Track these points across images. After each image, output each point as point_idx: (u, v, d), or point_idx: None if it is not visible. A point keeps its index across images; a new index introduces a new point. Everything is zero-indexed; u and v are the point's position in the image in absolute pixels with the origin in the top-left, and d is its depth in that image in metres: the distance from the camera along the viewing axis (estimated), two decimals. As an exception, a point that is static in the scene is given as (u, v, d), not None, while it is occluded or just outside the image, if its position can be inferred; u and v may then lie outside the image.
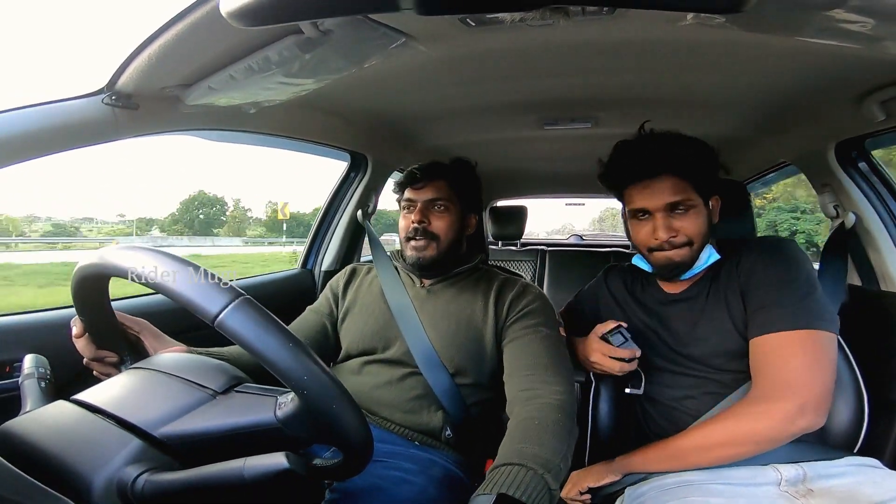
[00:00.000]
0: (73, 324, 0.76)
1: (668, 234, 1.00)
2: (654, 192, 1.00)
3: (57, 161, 0.93)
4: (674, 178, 0.99)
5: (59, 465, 0.51)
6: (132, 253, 0.55)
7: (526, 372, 0.97)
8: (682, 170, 0.99)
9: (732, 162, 1.99)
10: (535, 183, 2.90)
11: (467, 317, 1.12)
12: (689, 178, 0.99)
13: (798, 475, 0.89)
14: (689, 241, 1.00)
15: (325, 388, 0.51)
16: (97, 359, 0.77)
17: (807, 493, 0.86)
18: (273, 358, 0.49)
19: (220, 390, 0.60)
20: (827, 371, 0.87)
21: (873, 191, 1.29)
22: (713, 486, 0.89)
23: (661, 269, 1.06)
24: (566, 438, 0.82)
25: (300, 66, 0.86)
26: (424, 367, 1.08)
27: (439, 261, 1.16)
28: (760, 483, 0.89)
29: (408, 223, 1.17)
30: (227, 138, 1.38)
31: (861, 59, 0.93)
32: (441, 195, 1.17)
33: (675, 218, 1.00)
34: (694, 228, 1.00)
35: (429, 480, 0.96)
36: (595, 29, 0.88)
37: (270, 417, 0.54)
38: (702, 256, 1.02)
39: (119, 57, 0.84)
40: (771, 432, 0.85)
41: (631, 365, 1.04)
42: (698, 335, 1.03)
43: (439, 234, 1.16)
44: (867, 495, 0.81)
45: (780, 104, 1.27)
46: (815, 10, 0.58)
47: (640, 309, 1.14)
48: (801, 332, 0.89)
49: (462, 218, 1.21)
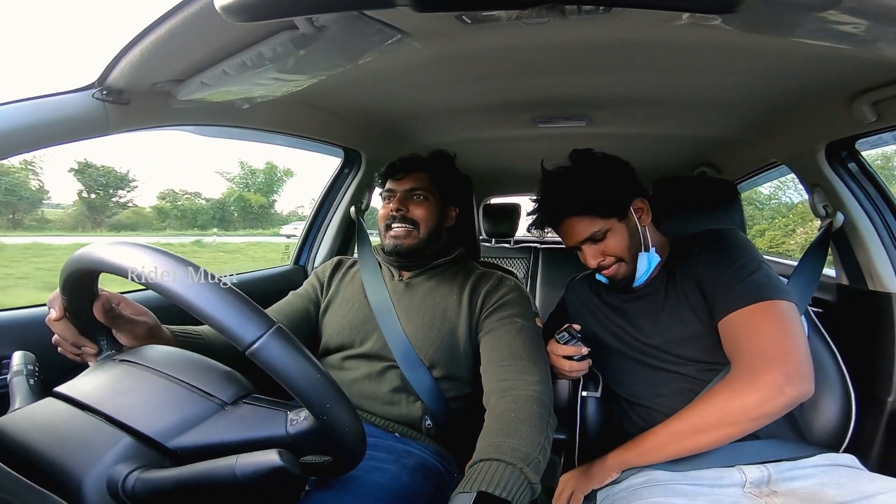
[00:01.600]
0: (50, 304, 0.72)
1: (596, 260, 1.07)
2: (569, 232, 1.08)
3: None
4: (578, 218, 1.06)
5: (49, 463, 0.50)
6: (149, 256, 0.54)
7: (502, 363, 0.97)
8: (581, 210, 1.05)
9: (724, 161, 2.01)
10: (528, 181, 2.90)
11: (442, 310, 1.12)
12: (592, 213, 1.04)
13: (763, 476, 0.89)
14: (619, 258, 1.06)
15: (342, 414, 0.54)
16: (76, 345, 0.74)
17: (770, 493, 0.87)
18: (302, 387, 0.51)
19: (229, 401, 0.60)
20: (798, 336, 0.89)
21: (863, 191, 1.30)
22: (678, 486, 0.90)
23: (611, 284, 1.13)
24: (544, 430, 0.83)
25: (294, 61, 0.85)
26: (402, 361, 1.09)
27: (418, 249, 1.17)
28: (725, 484, 0.90)
29: (387, 211, 1.18)
30: (220, 134, 1.37)
31: (853, 59, 0.94)
32: (420, 185, 1.19)
33: (599, 244, 1.06)
34: (617, 247, 1.06)
35: (402, 468, 0.96)
36: (590, 28, 0.88)
37: (281, 432, 0.56)
38: (640, 266, 1.07)
39: (111, 51, 0.84)
40: (763, 406, 0.85)
41: (581, 365, 1.06)
42: (661, 325, 1.05)
43: (419, 220, 1.17)
44: (830, 496, 0.82)
45: (772, 104, 1.29)
46: (809, 11, 0.59)
47: (607, 308, 1.17)
48: (762, 304, 0.91)
49: (442, 209, 1.22)
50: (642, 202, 1.09)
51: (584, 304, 1.22)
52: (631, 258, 1.06)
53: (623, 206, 1.06)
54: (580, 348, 1.04)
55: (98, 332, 0.74)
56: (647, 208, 1.10)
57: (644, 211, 1.09)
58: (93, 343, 0.74)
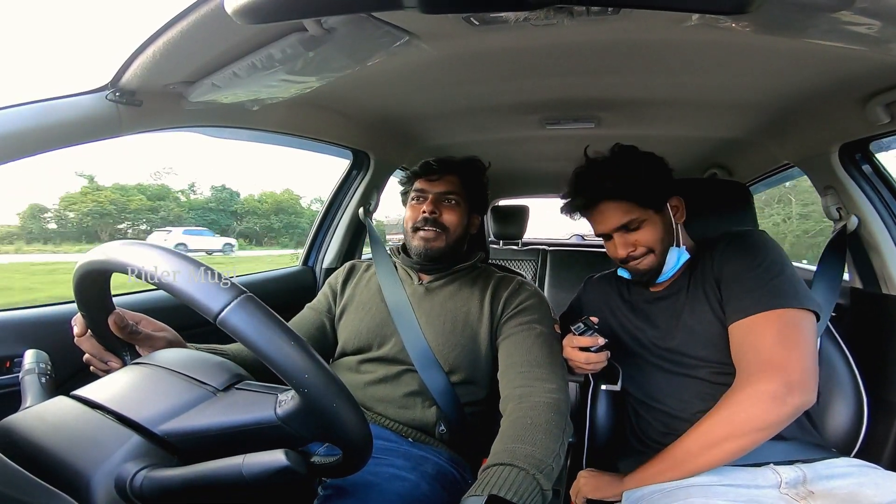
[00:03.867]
0: (74, 323, 0.75)
1: (627, 249, 1.06)
2: (603, 218, 1.06)
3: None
4: (616, 203, 1.04)
5: (58, 462, 0.51)
6: (134, 249, 0.55)
7: (520, 369, 0.97)
8: (621, 195, 1.03)
9: (735, 163, 1.99)
10: (536, 183, 2.90)
11: (464, 315, 1.12)
12: (631, 199, 1.03)
13: (798, 477, 0.89)
14: (650, 250, 1.05)
15: (325, 386, 0.51)
16: (101, 359, 0.77)
17: (808, 494, 0.86)
18: (274, 355, 0.49)
19: (220, 387, 0.60)
20: (802, 346, 0.88)
21: (877, 194, 1.28)
22: (716, 489, 0.89)
23: (635, 277, 1.11)
24: (559, 437, 0.82)
25: (303, 63, 0.86)
26: (420, 365, 1.08)
27: (446, 253, 1.16)
28: (761, 485, 0.89)
29: (416, 213, 1.16)
30: (230, 135, 1.38)
31: (866, 60, 0.93)
32: (453, 189, 1.17)
33: (631, 234, 1.05)
34: (651, 238, 1.05)
35: (421, 477, 0.96)
36: (599, 29, 0.88)
37: (271, 415, 0.54)
38: (670, 260, 1.06)
39: (123, 53, 0.85)
40: (767, 416, 0.85)
41: (598, 357, 1.00)
42: (680, 326, 1.04)
43: (449, 226, 1.16)
44: (868, 496, 0.81)
45: (784, 106, 1.27)
46: (822, 12, 0.58)
47: (628, 308, 1.16)
48: (771, 313, 0.91)
49: (468, 216, 1.21)
50: (679, 200, 1.09)
51: (605, 303, 1.20)
52: (661, 251, 1.05)
53: (661, 200, 1.06)
54: (596, 339, 1.00)
55: (121, 347, 0.77)
56: (682, 207, 1.10)
57: (679, 210, 1.09)
58: (117, 358, 0.77)
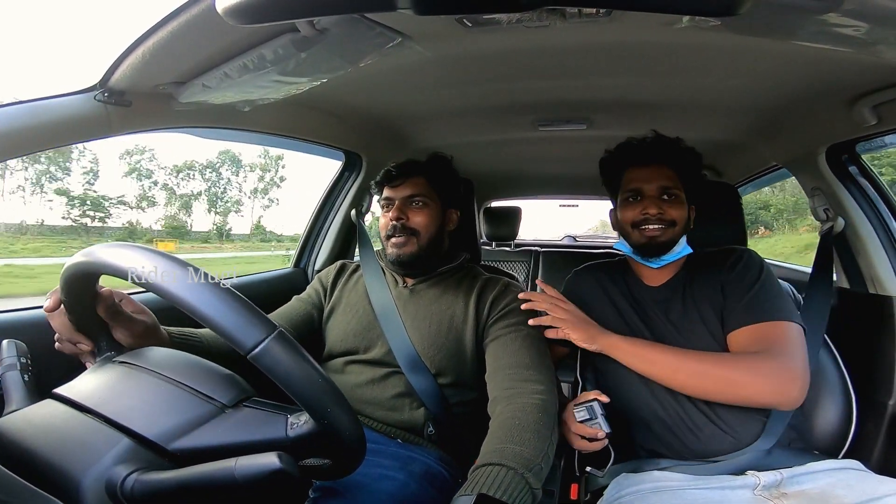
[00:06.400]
0: (49, 295, 0.71)
1: (658, 211, 1.09)
2: (651, 175, 1.11)
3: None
4: (669, 169, 1.11)
5: (48, 465, 0.50)
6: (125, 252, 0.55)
7: (507, 371, 0.97)
8: (677, 164, 1.11)
9: (724, 164, 2.00)
10: (529, 184, 2.91)
11: (449, 317, 1.12)
12: (681, 175, 1.11)
13: (775, 479, 0.91)
14: (674, 222, 1.09)
15: (343, 418, 0.54)
16: (70, 339, 0.73)
17: (780, 496, 0.88)
18: (305, 392, 0.51)
19: (229, 404, 0.60)
20: (802, 353, 0.95)
21: (863, 195, 1.30)
22: (689, 492, 0.91)
23: (642, 248, 1.12)
24: (548, 437, 0.83)
25: (296, 64, 0.86)
26: (406, 368, 1.08)
27: (420, 256, 1.16)
28: (736, 487, 0.91)
29: (387, 221, 1.17)
30: (221, 136, 1.37)
31: (853, 62, 0.94)
32: (419, 191, 1.18)
33: (664, 202, 1.10)
34: (678, 214, 1.10)
35: (409, 476, 0.96)
36: (591, 31, 0.89)
37: (282, 435, 0.56)
38: (679, 244, 1.11)
39: (113, 54, 0.84)
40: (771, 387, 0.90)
41: (595, 445, 0.97)
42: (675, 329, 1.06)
43: (419, 229, 1.16)
44: (839, 497, 0.83)
45: (772, 107, 1.29)
46: (810, 14, 0.59)
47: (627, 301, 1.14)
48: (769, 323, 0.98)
49: (442, 213, 1.21)
50: (694, 210, 1.16)
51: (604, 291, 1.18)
52: (678, 232, 1.11)
53: (693, 194, 1.14)
54: (597, 431, 0.95)
55: (96, 330, 0.73)
56: (693, 216, 1.16)
57: (692, 217, 1.16)
58: (88, 340, 0.73)
